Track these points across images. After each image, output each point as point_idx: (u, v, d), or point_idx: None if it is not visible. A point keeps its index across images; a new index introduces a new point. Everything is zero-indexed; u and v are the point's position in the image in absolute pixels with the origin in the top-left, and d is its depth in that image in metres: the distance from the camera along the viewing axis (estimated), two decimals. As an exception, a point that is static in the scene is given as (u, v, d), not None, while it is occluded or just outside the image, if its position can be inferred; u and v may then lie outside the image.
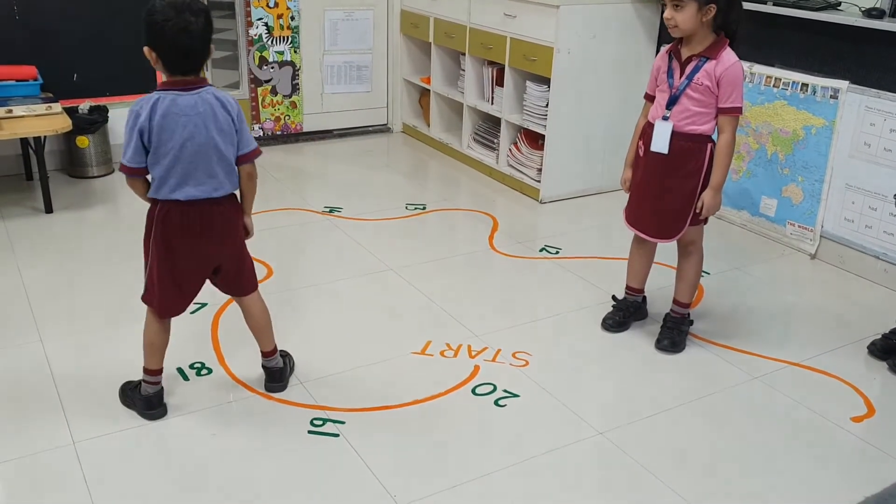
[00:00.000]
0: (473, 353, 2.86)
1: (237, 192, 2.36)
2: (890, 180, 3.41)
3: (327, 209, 4.12)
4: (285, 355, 2.69)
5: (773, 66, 3.79)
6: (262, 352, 2.58)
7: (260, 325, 2.54)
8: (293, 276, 3.39)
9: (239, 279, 2.47)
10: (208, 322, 2.99)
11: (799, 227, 3.79)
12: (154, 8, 2.12)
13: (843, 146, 3.56)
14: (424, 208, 4.21)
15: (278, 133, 5.21)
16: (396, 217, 4.07)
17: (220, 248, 2.35)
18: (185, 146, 2.18)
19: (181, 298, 2.41)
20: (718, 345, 2.98)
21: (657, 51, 4.28)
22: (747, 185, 3.97)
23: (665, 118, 2.66)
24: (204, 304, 3.09)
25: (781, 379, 2.78)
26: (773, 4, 3.63)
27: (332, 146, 5.25)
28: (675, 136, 2.65)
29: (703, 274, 3.44)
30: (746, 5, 3.70)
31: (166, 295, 2.35)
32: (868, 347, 2.95)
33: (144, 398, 2.46)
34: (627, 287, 3.09)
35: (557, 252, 3.73)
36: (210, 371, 2.69)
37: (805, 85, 3.65)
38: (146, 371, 2.46)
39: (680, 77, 2.63)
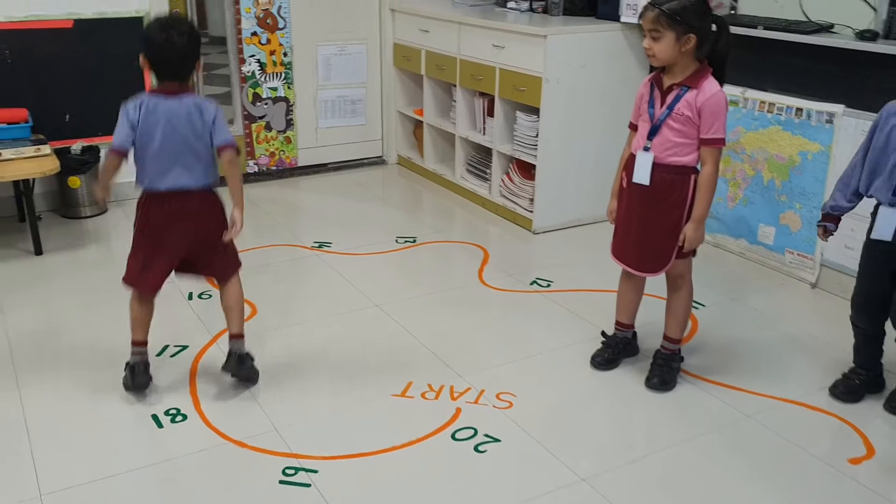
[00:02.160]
0: (456, 395, 2.77)
1: (215, 187, 2.65)
2: (888, 206, 3.31)
3: (316, 244, 4.07)
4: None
5: (766, 90, 3.71)
6: (229, 334, 2.78)
7: (230, 306, 2.76)
8: (276, 315, 3.32)
9: (214, 264, 2.73)
10: (188, 366, 2.92)
11: (798, 255, 3.69)
12: (149, 25, 2.59)
13: (840, 171, 3.44)
14: (415, 241, 4.15)
15: (273, 168, 5.19)
16: (386, 251, 4.01)
17: (193, 232, 2.62)
18: (164, 144, 2.52)
19: (145, 275, 2.64)
20: (711, 381, 2.88)
21: (650, 78, 4.21)
22: (744, 213, 3.88)
23: (646, 149, 2.59)
24: (185, 347, 3.04)
25: (776, 417, 2.67)
26: (764, 28, 3.56)
27: (328, 180, 5.22)
28: (657, 167, 2.58)
29: (697, 306, 3.36)
30: (737, 30, 3.65)
31: (132, 268, 2.65)
32: (830, 390, 2.80)
33: (130, 366, 2.72)
34: (617, 322, 3.00)
35: (549, 285, 3.65)
36: (185, 417, 2.62)
37: (799, 109, 3.57)
38: (132, 342, 2.73)
39: (661, 107, 2.56)
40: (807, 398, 2.78)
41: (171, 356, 2.99)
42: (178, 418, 2.62)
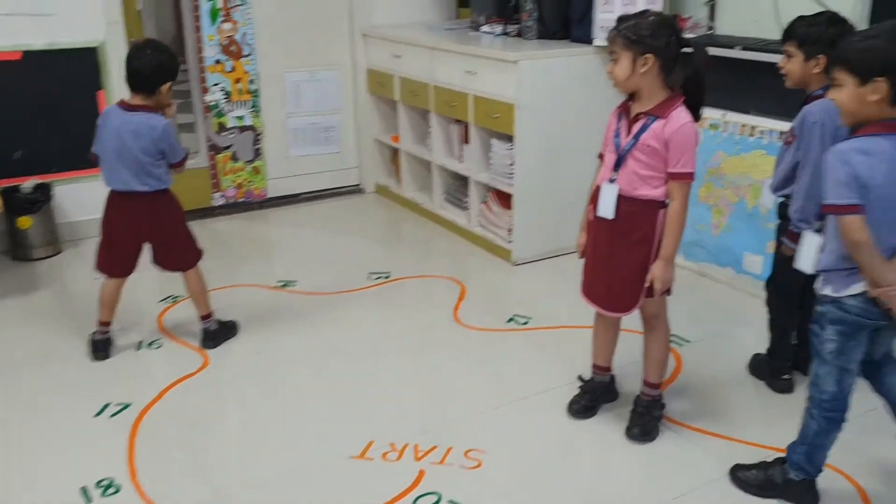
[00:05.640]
0: (420, 455, 2.54)
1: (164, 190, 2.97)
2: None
3: (280, 283, 3.85)
4: (227, 322, 3.28)
5: (747, 113, 3.52)
6: (199, 316, 3.20)
7: (192, 293, 3.17)
8: (229, 367, 3.10)
9: (169, 258, 3.09)
10: (128, 427, 2.69)
11: (788, 285, 3.47)
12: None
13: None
14: (388, 277, 3.93)
15: (241, 201, 4.98)
16: (355, 289, 3.79)
17: (142, 229, 2.99)
18: (112, 150, 2.87)
19: (112, 262, 3.04)
20: (695, 429, 2.66)
21: (628, 100, 4.02)
22: (729, 241, 3.67)
23: (611, 181, 2.40)
24: (127, 405, 2.81)
25: (766, 471, 2.45)
26: (743, 49, 3.37)
27: (300, 211, 5.01)
28: (623, 200, 2.38)
29: (682, 342, 3.19)
30: (715, 51, 3.46)
31: (101, 256, 3.06)
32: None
33: (92, 342, 3.12)
34: (594, 366, 2.78)
35: (526, 322, 3.43)
36: (117, 490, 2.39)
37: (783, 132, 3.37)
38: (98, 321, 3.12)
39: (626, 136, 2.37)
40: (800, 447, 2.55)
41: (111, 416, 2.76)
42: (110, 490, 2.39)
